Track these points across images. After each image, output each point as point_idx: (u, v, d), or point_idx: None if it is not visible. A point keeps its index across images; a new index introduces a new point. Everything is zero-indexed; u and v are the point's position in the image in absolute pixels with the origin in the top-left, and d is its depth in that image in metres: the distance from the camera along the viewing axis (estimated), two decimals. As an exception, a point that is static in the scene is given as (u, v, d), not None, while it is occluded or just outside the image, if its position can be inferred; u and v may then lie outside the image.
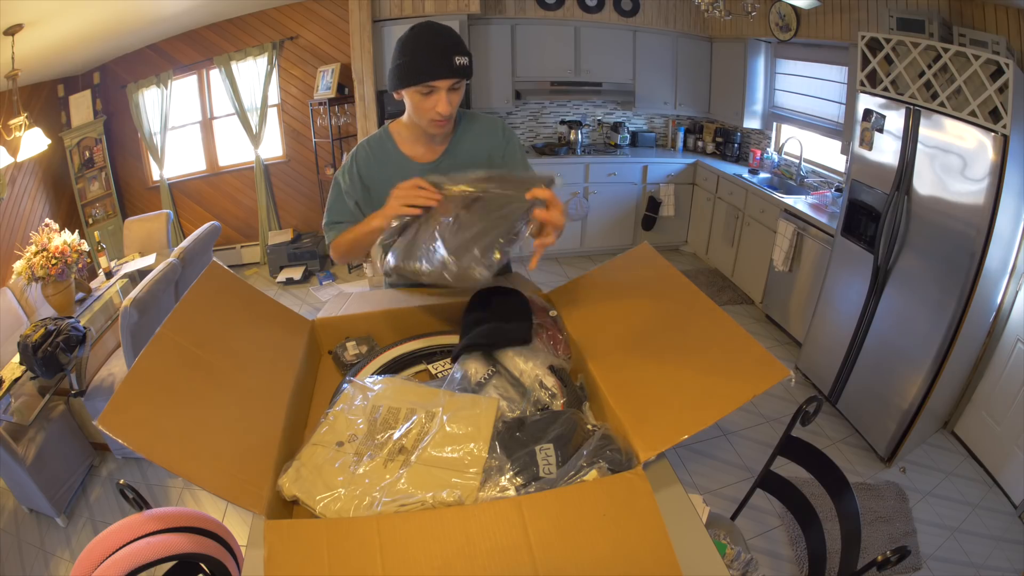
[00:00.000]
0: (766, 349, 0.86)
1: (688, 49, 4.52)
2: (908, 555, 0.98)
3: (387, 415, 0.92)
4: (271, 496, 0.78)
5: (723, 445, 2.63)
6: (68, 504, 2.33)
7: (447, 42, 1.15)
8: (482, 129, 1.39)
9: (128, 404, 0.76)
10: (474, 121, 1.39)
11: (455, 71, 1.15)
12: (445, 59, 1.14)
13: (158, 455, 0.73)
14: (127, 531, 0.90)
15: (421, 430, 0.88)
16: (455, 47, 1.15)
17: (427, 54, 1.14)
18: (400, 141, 1.34)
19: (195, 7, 3.81)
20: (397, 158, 1.34)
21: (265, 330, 1.12)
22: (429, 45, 1.14)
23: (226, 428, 0.85)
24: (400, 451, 0.86)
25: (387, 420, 0.91)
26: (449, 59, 1.14)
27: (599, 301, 1.14)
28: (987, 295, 2.24)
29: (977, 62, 2.02)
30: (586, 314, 1.16)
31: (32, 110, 3.47)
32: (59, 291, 2.68)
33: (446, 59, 1.14)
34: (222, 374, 0.93)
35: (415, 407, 0.93)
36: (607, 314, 1.13)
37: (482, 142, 1.38)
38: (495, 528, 0.71)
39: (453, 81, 1.17)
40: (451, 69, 1.15)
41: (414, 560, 0.69)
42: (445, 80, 1.16)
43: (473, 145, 1.37)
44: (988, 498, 2.38)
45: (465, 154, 1.36)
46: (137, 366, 0.82)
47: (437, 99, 1.17)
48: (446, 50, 1.14)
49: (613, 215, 4.65)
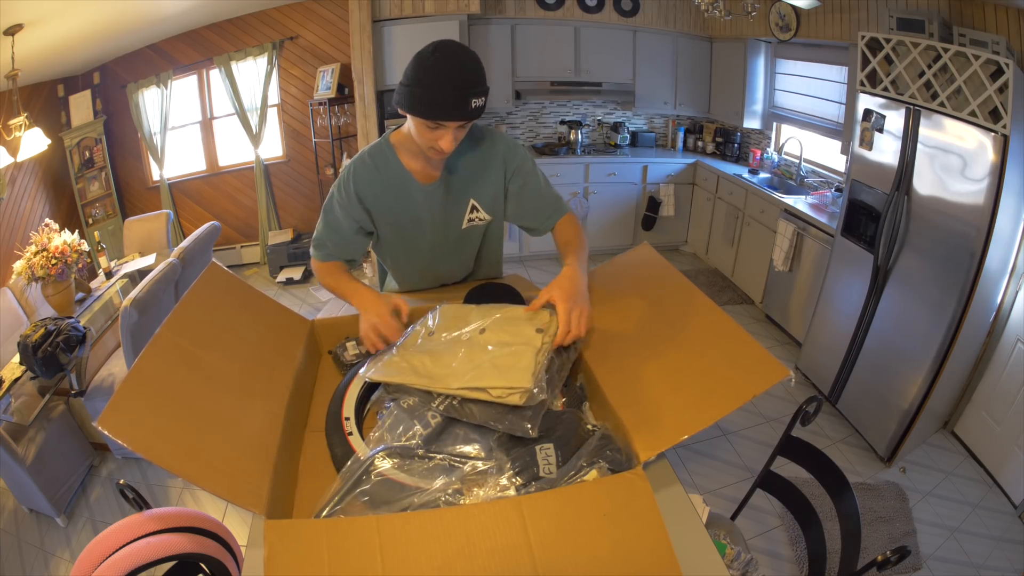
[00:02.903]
0: (766, 349, 0.86)
1: (688, 49, 4.52)
2: (908, 555, 0.98)
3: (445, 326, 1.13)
4: (271, 496, 0.78)
5: (723, 445, 2.63)
6: (68, 504, 2.33)
7: (467, 80, 1.07)
8: (485, 146, 1.33)
9: (128, 404, 0.76)
10: (477, 136, 1.33)
11: (468, 114, 1.09)
12: (462, 100, 1.07)
13: (157, 455, 0.73)
14: (127, 531, 0.90)
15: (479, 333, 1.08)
16: (475, 86, 1.08)
17: (443, 91, 1.06)
18: (402, 153, 1.30)
19: (195, 7, 3.81)
20: (398, 171, 1.30)
21: (265, 330, 1.12)
22: (449, 82, 1.06)
23: (226, 428, 0.85)
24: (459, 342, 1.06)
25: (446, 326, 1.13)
26: (466, 101, 1.07)
27: (599, 301, 1.14)
28: (987, 295, 2.24)
29: (977, 62, 2.02)
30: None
31: (32, 110, 3.47)
32: (59, 291, 2.68)
33: (463, 100, 1.07)
34: (222, 374, 0.93)
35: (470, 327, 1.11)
36: (607, 314, 1.13)
37: (485, 158, 1.33)
38: (495, 528, 0.71)
39: (464, 122, 1.12)
40: (465, 112, 1.08)
41: (414, 560, 0.69)
42: (456, 122, 1.11)
43: (475, 162, 1.33)
44: (988, 498, 2.37)
45: (466, 171, 1.33)
46: (137, 367, 0.82)
47: (442, 135, 1.12)
48: (465, 90, 1.06)
49: (613, 215, 4.65)
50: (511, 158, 1.34)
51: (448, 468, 0.86)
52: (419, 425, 0.91)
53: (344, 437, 0.94)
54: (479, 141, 1.33)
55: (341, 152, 4.43)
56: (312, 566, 0.68)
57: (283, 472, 0.86)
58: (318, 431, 0.99)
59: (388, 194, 1.30)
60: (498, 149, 1.34)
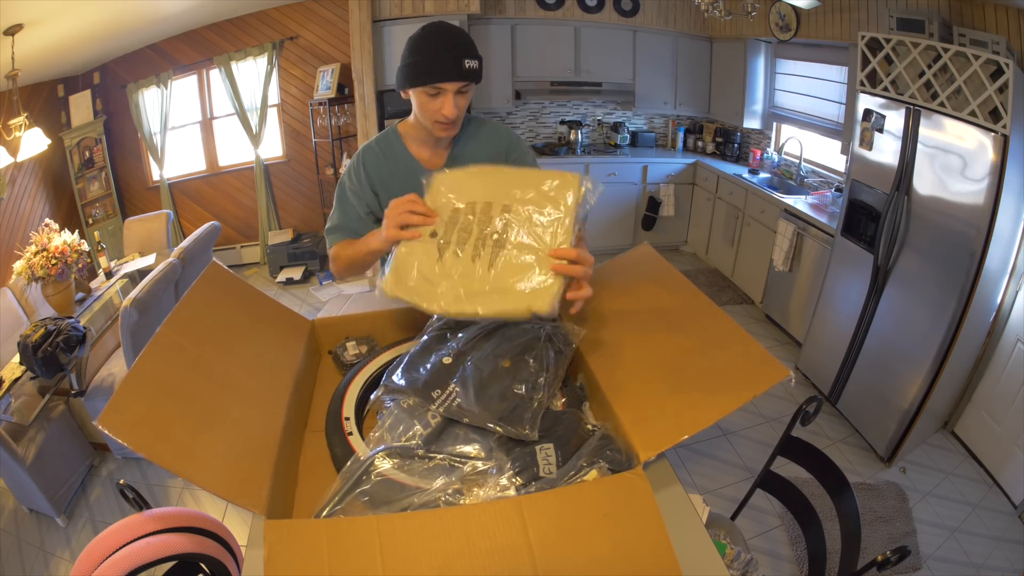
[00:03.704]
0: (766, 349, 0.86)
1: (688, 49, 4.52)
2: (908, 555, 0.98)
3: (470, 209, 1.00)
4: (271, 496, 0.78)
5: (723, 445, 2.63)
6: (68, 504, 2.33)
7: (458, 44, 1.14)
8: (488, 135, 1.38)
9: (128, 404, 0.76)
10: (481, 126, 1.39)
11: (464, 74, 1.15)
12: (455, 61, 1.13)
13: (158, 455, 0.73)
14: (127, 531, 0.91)
15: (506, 224, 0.97)
16: (466, 49, 1.14)
17: (437, 55, 1.13)
18: (408, 141, 1.33)
19: (195, 7, 3.81)
20: (405, 158, 1.33)
21: (265, 330, 1.12)
22: (439, 46, 1.13)
23: (226, 428, 0.85)
24: (485, 243, 0.96)
25: (471, 212, 1.00)
26: (459, 61, 1.13)
27: (599, 302, 1.14)
28: (987, 295, 2.24)
29: (977, 62, 2.02)
30: (586, 315, 1.15)
31: (32, 110, 3.47)
32: (59, 291, 2.68)
33: (456, 61, 1.13)
34: (222, 374, 0.93)
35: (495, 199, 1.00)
36: (607, 315, 1.13)
37: (487, 147, 1.36)
38: (495, 528, 0.71)
39: (461, 84, 1.16)
40: (460, 72, 1.14)
41: (414, 560, 0.69)
42: (453, 83, 1.15)
43: (478, 150, 1.36)
44: (988, 498, 2.38)
45: (469, 159, 1.34)
46: (137, 366, 0.82)
47: (444, 101, 1.17)
48: (457, 52, 1.13)
49: (613, 215, 4.65)
50: (513, 149, 1.39)
51: (448, 468, 0.86)
52: (419, 425, 0.91)
53: (344, 437, 0.94)
54: (483, 129, 1.38)
55: (341, 152, 4.43)
56: (312, 566, 0.68)
57: (283, 472, 0.86)
58: (318, 431, 0.99)
59: (395, 179, 1.31)
60: (502, 138, 1.39)
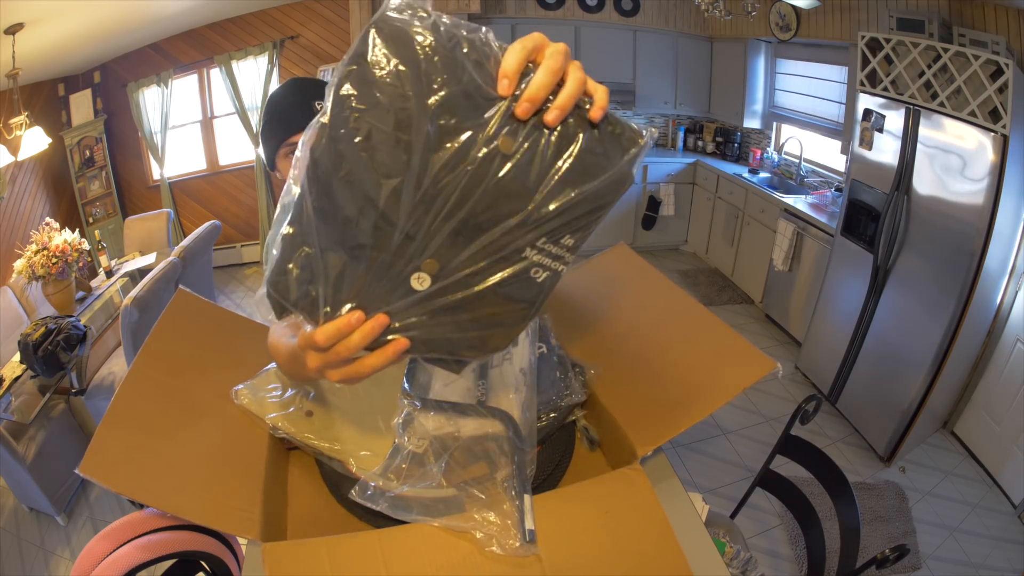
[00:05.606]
0: (760, 346, 0.88)
1: (688, 49, 4.52)
2: (907, 553, 0.99)
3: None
4: (263, 519, 0.76)
5: (722, 444, 2.63)
6: (68, 503, 2.33)
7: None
8: None
9: (108, 446, 0.75)
10: None
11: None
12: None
13: (143, 494, 0.72)
14: (127, 529, 0.91)
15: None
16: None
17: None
18: None
19: (195, 6, 3.81)
20: None
21: (241, 350, 1.07)
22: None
23: (210, 456, 0.83)
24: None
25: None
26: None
27: (581, 303, 1.13)
28: (987, 295, 2.24)
29: (977, 62, 2.02)
30: (570, 316, 1.14)
31: (32, 109, 3.48)
32: (59, 290, 2.68)
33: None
34: (200, 402, 0.91)
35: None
36: (589, 315, 1.11)
37: None
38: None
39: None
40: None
41: (420, 571, 0.68)
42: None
43: None
44: (987, 498, 2.38)
45: None
46: (113, 406, 0.80)
47: None
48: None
49: (613, 215, 4.53)
50: None
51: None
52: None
53: None
54: None
55: (341, 151, 4.43)
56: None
57: (272, 493, 0.84)
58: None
59: None
60: None
